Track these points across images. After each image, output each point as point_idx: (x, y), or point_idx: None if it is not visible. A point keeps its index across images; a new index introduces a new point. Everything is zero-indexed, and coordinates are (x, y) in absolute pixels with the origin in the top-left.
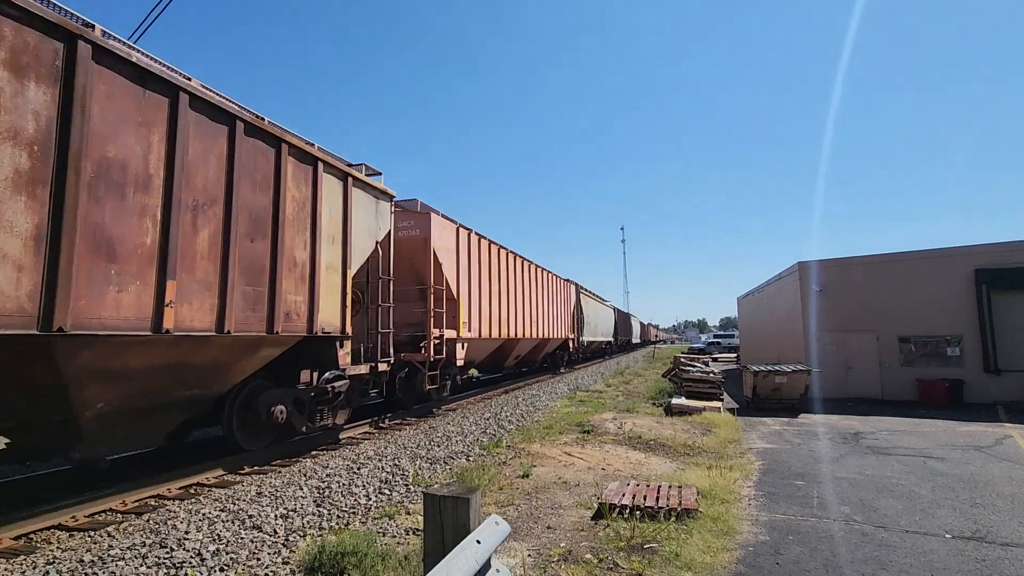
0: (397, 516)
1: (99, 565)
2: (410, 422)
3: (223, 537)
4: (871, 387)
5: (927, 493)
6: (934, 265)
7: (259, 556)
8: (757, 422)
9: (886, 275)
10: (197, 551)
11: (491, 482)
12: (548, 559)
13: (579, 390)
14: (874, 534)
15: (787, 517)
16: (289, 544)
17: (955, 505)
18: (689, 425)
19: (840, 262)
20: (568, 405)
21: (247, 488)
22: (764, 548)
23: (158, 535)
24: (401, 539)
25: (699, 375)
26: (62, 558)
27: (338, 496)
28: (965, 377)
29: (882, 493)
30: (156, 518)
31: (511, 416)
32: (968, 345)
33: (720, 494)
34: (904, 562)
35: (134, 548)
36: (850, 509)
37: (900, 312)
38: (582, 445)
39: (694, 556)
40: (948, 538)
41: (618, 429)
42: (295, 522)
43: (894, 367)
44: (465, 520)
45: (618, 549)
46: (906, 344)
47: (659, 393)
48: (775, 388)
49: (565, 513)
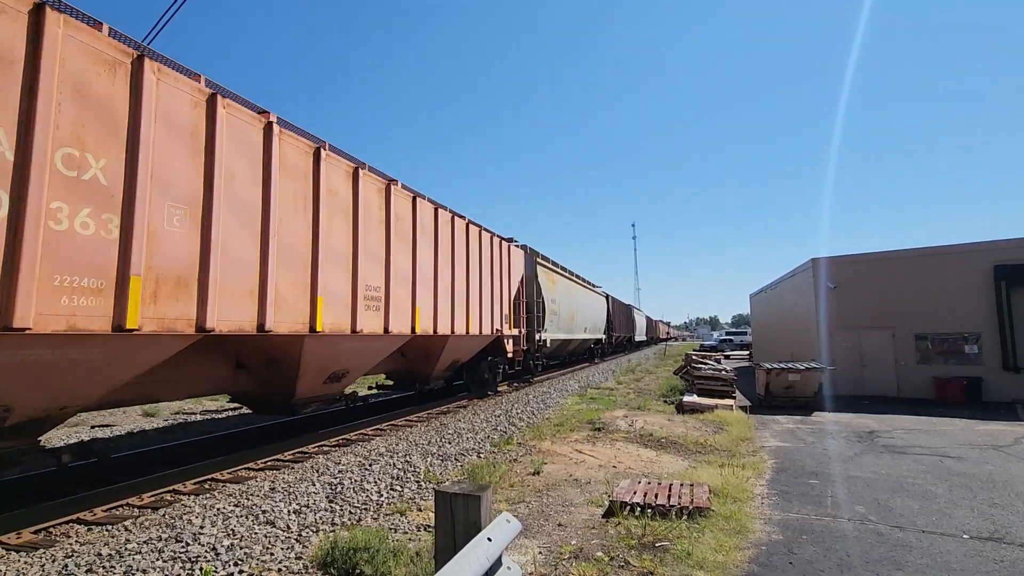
0: (408, 513)
1: (116, 559)
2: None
3: (237, 532)
4: (887, 385)
5: (944, 493)
6: (951, 261)
7: (273, 551)
8: (770, 420)
9: (902, 271)
10: (212, 546)
11: (502, 479)
12: (559, 556)
13: (590, 387)
14: (890, 534)
15: (801, 516)
16: (302, 539)
17: (973, 505)
18: (701, 423)
19: (855, 258)
20: (579, 402)
21: (260, 484)
22: (777, 547)
23: (174, 529)
24: (412, 535)
25: (711, 372)
26: (80, 552)
27: (350, 492)
28: (983, 375)
29: (898, 493)
30: (172, 513)
31: (522, 413)
32: (987, 342)
33: (732, 492)
34: (920, 562)
35: (150, 542)
36: (865, 508)
37: (917, 309)
38: (593, 442)
39: (706, 555)
40: (966, 539)
41: (629, 426)
42: (308, 518)
43: (910, 365)
44: (476, 517)
45: (629, 547)
46: (923, 341)
47: (670, 391)
48: (788, 386)
49: (576, 511)
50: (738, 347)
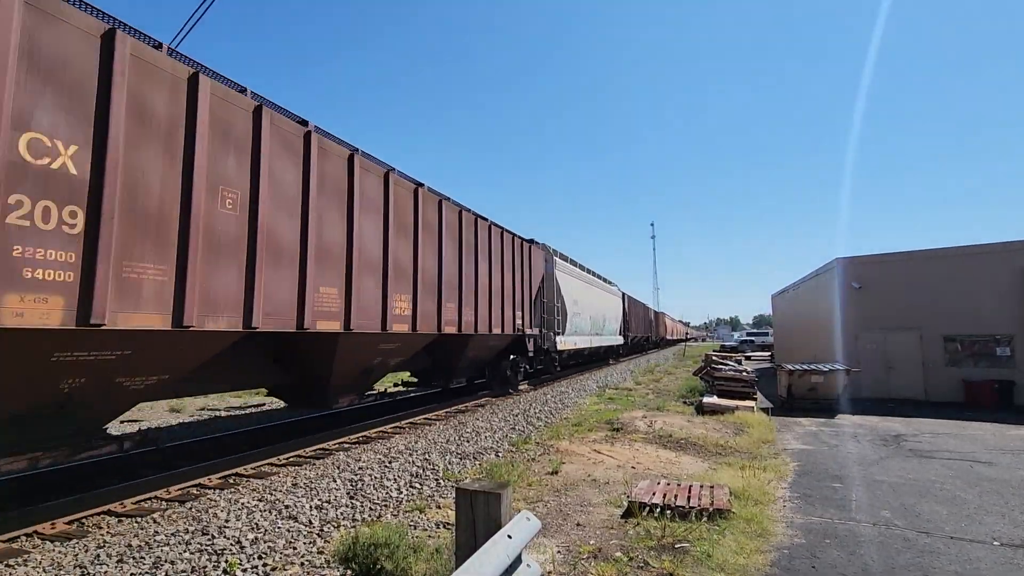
0: (428, 510)
1: (146, 550)
2: (441, 416)
3: (261, 526)
4: (913, 388)
5: (974, 498)
6: (981, 261)
7: (295, 545)
8: (792, 422)
9: (930, 272)
10: (236, 539)
11: (520, 478)
12: (578, 556)
13: (608, 387)
14: (916, 540)
15: (824, 520)
16: (324, 534)
17: (1004, 512)
18: (721, 424)
19: (881, 258)
20: (597, 403)
21: (283, 479)
22: (800, 551)
23: (200, 523)
24: (432, 532)
25: (731, 373)
26: (111, 542)
27: (370, 489)
28: (1015, 378)
29: (925, 497)
30: (198, 506)
31: (540, 413)
32: (1019, 345)
33: (754, 495)
34: (949, 569)
35: (178, 534)
36: (890, 513)
37: (945, 310)
38: (611, 443)
39: (727, 557)
40: (996, 545)
41: (648, 427)
42: (329, 513)
43: (938, 367)
44: (496, 515)
45: (648, 548)
46: (952, 343)
47: (690, 391)
48: (811, 387)
49: (594, 511)
50: (759, 348)
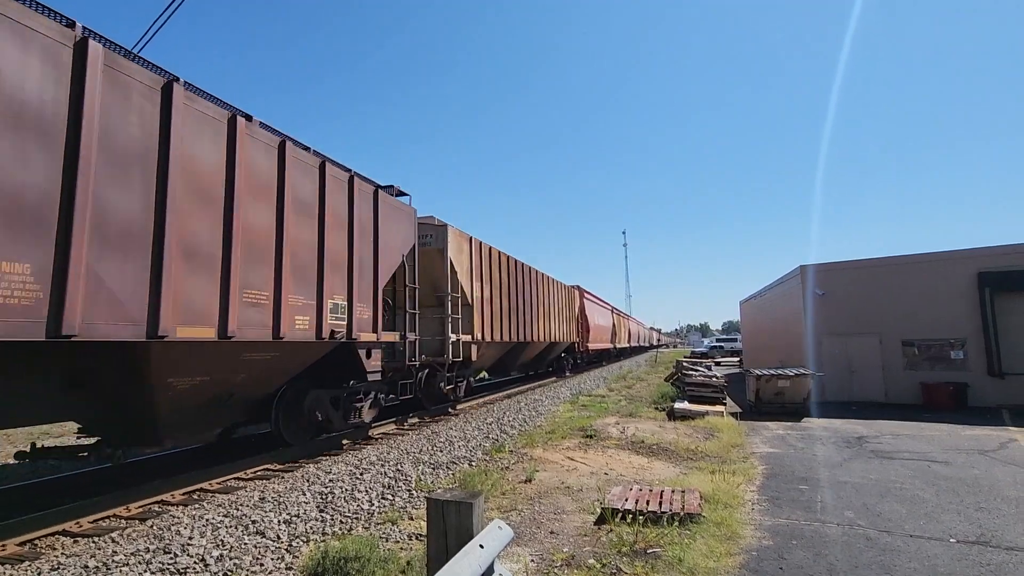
0: (400, 521)
1: (103, 571)
2: (414, 425)
3: (227, 543)
4: (874, 391)
5: (931, 497)
6: (937, 268)
7: (263, 562)
8: (760, 426)
9: (889, 278)
10: (201, 556)
11: (494, 487)
12: (551, 564)
13: (582, 394)
14: (878, 538)
15: (791, 521)
16: (292, 549)
17: (960, 509)
18: (692, 429)
19: (843, 265)
20: (571, 409)
21: (250, 493)
22: (768, 553)
23: (162, 541)
24: (404, 544)
25: (702, 379)
26: (66, 564)
27: (341, 501)
28: (969, 381)
29: (886, 497)
30: (160, 524)
31: (514, 421)
32: (972, 348)
33: (723, 498)
34: (908, 567)
35: (138, 554)
36: (854, 513)
37: (903, 315)
38: (585, 450)
39: (697, 561)
40: (953, 543)
41: (621, 433)
42: (298, 527)
43: (897, 370)
44: (468, 525)
45: (621, 554)
46: (909, 347)
47: (662, 397)
48: (778, 392)
49: (568, 518)
50: (728, 354)
